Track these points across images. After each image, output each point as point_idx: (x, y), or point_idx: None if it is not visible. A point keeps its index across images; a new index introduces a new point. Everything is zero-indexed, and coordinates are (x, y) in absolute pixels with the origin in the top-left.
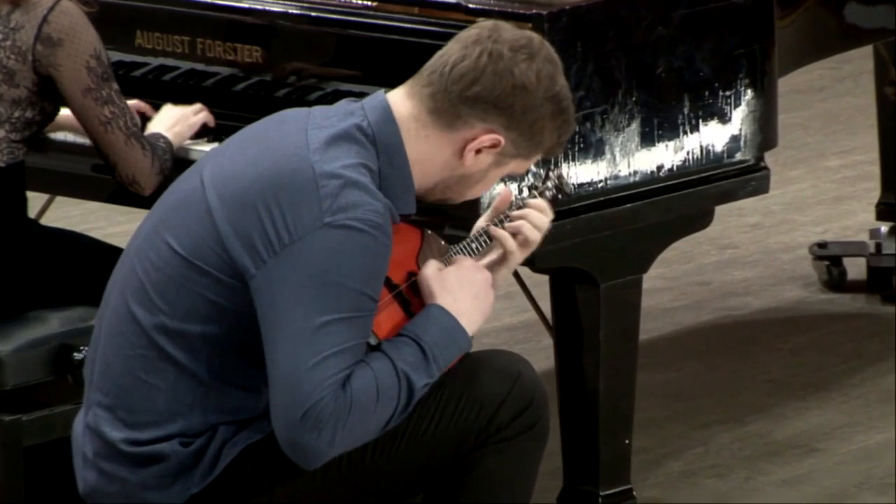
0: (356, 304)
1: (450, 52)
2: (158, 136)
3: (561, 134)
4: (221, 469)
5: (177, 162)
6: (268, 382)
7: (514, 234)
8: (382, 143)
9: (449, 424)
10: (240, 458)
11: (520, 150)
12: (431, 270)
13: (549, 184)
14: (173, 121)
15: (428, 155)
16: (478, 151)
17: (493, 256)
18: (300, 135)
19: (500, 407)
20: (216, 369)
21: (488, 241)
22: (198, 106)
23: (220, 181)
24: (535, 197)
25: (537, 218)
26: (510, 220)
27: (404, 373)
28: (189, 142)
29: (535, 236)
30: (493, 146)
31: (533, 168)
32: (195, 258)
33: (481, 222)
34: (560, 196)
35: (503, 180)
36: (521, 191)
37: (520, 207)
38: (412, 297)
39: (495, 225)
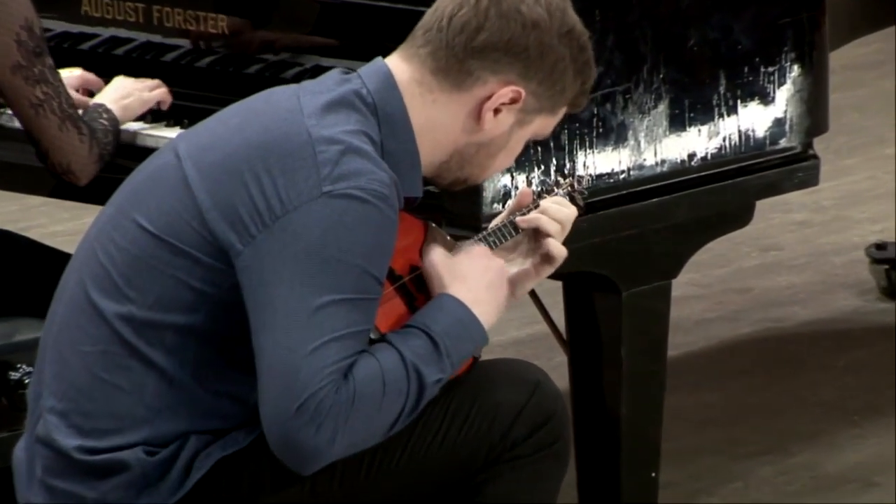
0: (360, 284)
1: (443, 5)
2: (102, 109)
3: (584, 79)
4: (193, 483)
5: (126, 149)
6: (254, 387)
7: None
8: (384, 113)
9: (457, 438)
10: (214, 472)
11: (543, 103)
12: (439, 257)
13: (561, 191)
14: (124, 92)
15: (438, 122)
16: (497, 111)
17: (512, 270)
18: (292, 100)
19: (517, 419)
20: (191, 369)
21: (499, 241)
22: (156, 81)
23: (199, 151)
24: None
25: (556, 210)
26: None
27: (414, 365)
28: (143, 125)
29: (557, 254)
30: (514, 101)
31: (539, 175)
32: (169, 236)
33: (496, 222)
34: (575, 202)
35: (512, 171)
36: (509, 195)
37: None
38: (416, 291)
39: (509, 224)
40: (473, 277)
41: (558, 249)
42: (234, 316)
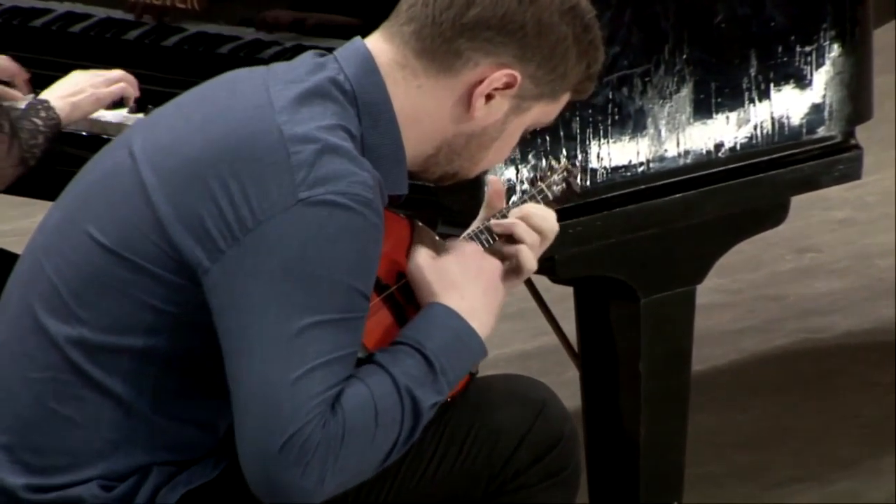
0: (345, 302)
1: None
2: (42, 106)
3: (590, 62)
4: None
5: (86, 140)
6: (225, 413)
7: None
8: (365, 102)
9: (452, 467)
10: None
11: (542, 88)
12: (426, 261)
13: (556, 177)
14: (75, 88)
15: (424, 111)
16: (489, 97)
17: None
18: (260, 92)
19: (520, 445)
20: (152, 396)
21: (490, 241)
22: (116, 73)
23: (157, 153)
24: (534, 197)
25: (539, 219)
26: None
27: (407, 389)
28: (106, 113)
29: (534, 239)
30: (508, 86)
31: (532, 159)
32: (126, 251)
33: (474, 225)
34: (570, 194)
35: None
36: (513, 191)
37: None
38: (405, 301)
39: (484, 229)
40: (467, 283)
41: (529, 263)
42: (201, 338)
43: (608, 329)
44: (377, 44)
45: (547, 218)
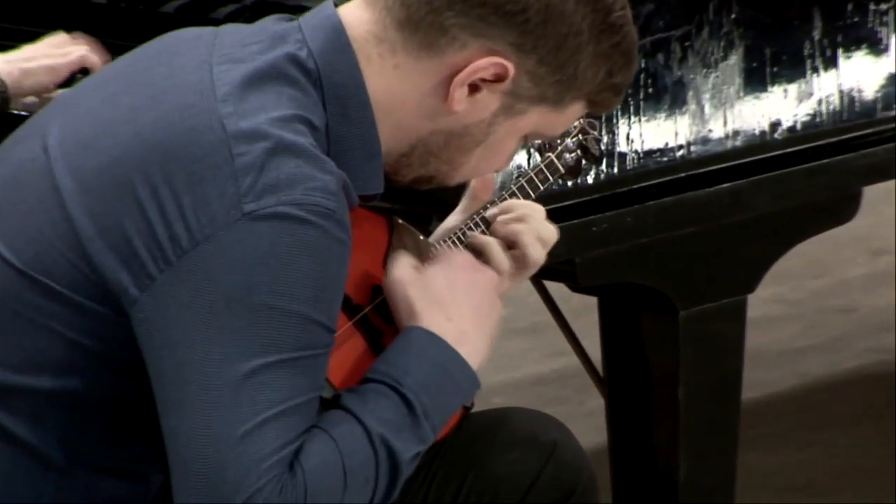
0: (303, 337)
1: None
2: None
3: (612, 69)
4: None
5: None
6: (159, 462)
7: (510, 245)
8: (332, 84)
9: None
10: None
11: (543, 89)
12: (404, 272)
13: (569, 141)
14: (25, 55)
15: (399, 99)
16: (473, 88)
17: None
18: (201, 72)
19: (526, 496)
20: (75, 447)
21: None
22: (79, 42)
23: (76, 148)
24: (541, 171)
25: (538, 221)
26: (490, 218)
27: (382, 439)
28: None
29: (538, 253)
30: (499, 78)
31: None
32: (39, 272)
33: (452, 220)
34: (586, 163)
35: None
36: (506, 182)
37: (512, 194)
38: (382, 323)
39: (473, 226)
40: (455, 299)
41: (537, 254)
42: (127, 379)
43: (640, 348)
44: (354, 11)
45: (546, 227)
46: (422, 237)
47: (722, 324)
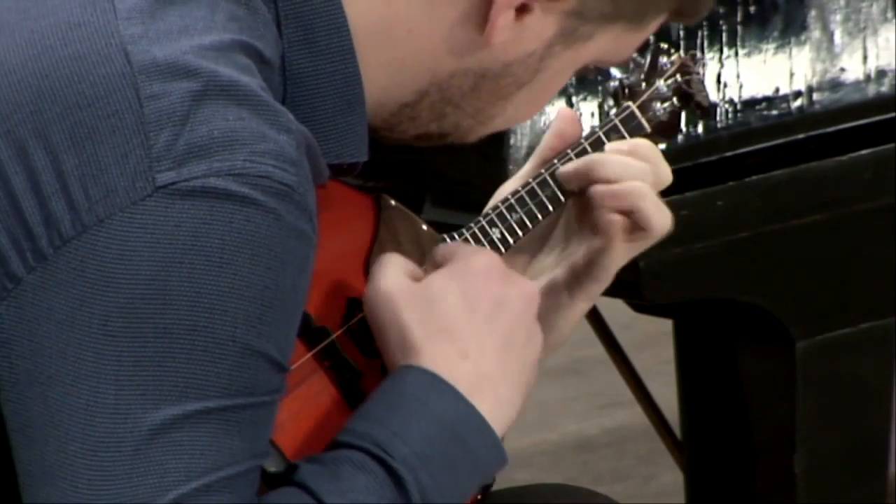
0: (239, 376)
1: None
2: None
3: None
4: None
5: None
6: None
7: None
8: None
9: None
10: None
11: (622, 3)
12: (396, 281)
13: (663, 85)
14: None
15: (403, 26)
16: (522, 9)
17: (553, 272)
18: None
19: None
20: None
21: (521, 228)
22: None
23: None
24: (614, 130)
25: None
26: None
27: None
28: None
29: (660, 222)
30: None
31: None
32: None
33: (510, 185)
34: (689, 110)
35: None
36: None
37: (600, 143)
38: (361, 357)
39: (537, 187)
40: (474, 325)
41: (660, 214)
42: None
43: (737, 395)
44: None
45: (650, 146)
46: (425, 227)
47: (860, 359)
